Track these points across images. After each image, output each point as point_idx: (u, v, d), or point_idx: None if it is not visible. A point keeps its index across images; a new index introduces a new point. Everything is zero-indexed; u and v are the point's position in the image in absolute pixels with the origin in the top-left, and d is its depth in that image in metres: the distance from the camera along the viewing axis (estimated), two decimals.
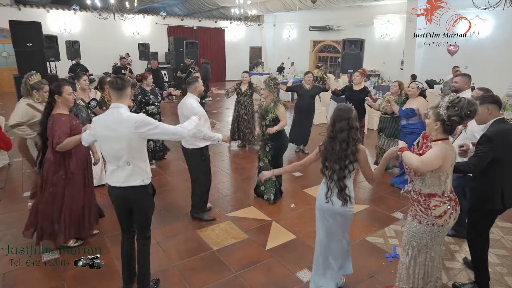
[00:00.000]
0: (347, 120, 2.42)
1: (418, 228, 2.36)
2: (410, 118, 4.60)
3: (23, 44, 6.52)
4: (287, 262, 3.21)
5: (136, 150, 2.40)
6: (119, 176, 2.41)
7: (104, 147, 2.45)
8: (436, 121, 2.22)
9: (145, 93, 5.38)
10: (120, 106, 2.40)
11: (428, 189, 2.30)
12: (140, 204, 2.51)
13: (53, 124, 2.94)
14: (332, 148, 2.45)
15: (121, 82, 2.43)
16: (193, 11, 18.21)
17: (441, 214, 2.29)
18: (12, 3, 13.18)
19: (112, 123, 2.36)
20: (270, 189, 4.41)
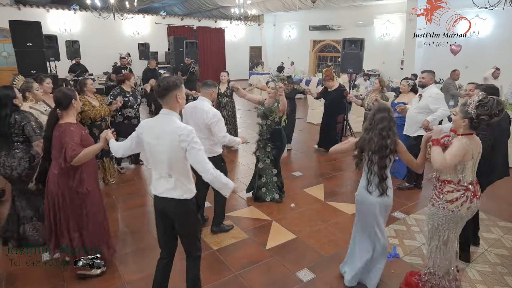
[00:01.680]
0: (387, 111, 2.59)
1: (431, 210, 2.57)
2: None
3: (23, 44, 6.51)
4: (287, 262, 3.22)
5: (178, 163, 2.22)
6: (161, 185, 2.27)
7: (148, 153, 2.30)
8: (464, 118, 2.37)
9: (124, 94, 5.05)
10: (168, 113, 2.20)
11: (444, 176, 2.50)
12: (179, 218, 2.31)
13: (63, 135, 2.62)
14: (371, 139, 2.56)
15: (164, 84, 2.17)
16: (193, 10, 18.21)
17: (453, 199, 2.45)
18: (12, 3, 13.17)
19: (160, 130, 2.20)
20: (272, 189, 4.41)
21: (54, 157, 2.72)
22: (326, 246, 3.50)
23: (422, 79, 4.48)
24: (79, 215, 2.79)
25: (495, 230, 3.86)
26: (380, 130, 2.53)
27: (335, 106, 6.25)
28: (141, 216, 4.13)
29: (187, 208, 2.30)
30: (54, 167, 2.72)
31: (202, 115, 3.29)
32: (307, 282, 2.98)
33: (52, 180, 2.71)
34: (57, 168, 2.69)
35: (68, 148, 2.56)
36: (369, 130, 2.61)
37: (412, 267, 3.18)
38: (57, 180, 2.69)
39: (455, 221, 2.49)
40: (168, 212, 2.31)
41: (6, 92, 3.03)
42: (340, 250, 3.43)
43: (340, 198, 4.61)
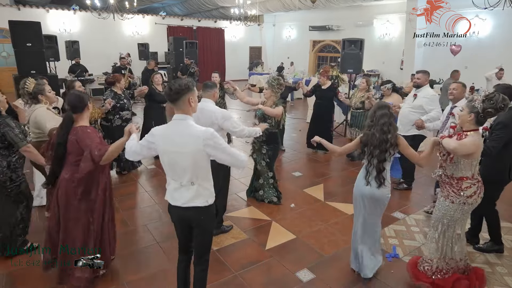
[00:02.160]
0: (387, 108, 2.72)
1: (451, 207, 2.66)
2: None
3: (22, 44, 6.51)
4: (287, 262, 3.21)
5: (202, 169, 2.15)
6: (182, 195, 2.17)
7: (166, 161, 2.18)
8: (470, 113, 2.51)
9: (119, 97, 4.92)
10: (184, 118, 2.12)
11: (460, 173, 2.62)
12: (203, 225, 2.26)
13: (81, 138, 2.54)
14: (373, 134, 2.69)
15: (176, 88, 2.08)
16: (193, 11, 18.21)
17: (472, 194, 2.62)
18: (12, 3, 13.16)
19: (178, 136, 2.10)
20: (269, 191, 4.40)
21: (68, 162, 2.63)
22: (326, 246, 3.50)
23: (418, 80, 4.53)
24: (85, 222, 2.71)
25: None
26: (381, 125, 2.66)
27: (326, 104, 6.31)
28: (140, 216, 4.13)
29: (210, 213, 2.26)
30: (66, 172, 2.64)
31: (210, 116, 3.19)
32: (307, 282, 2.98)
33: (62, 185, 2.64)
34: (68, 173, 2.62)
35: (93, 148, 2.48)
36: (371, 126, 2.73)
37: None
38: (66, 185, 2.62)
39: (469, 211, 2.71)
40: (192, 221, 2.24)
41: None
42: (340, 250, 3.43)
43: (340, 198, 4.60)
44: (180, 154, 2.09)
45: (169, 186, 2.25)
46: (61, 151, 2.62)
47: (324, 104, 6.31)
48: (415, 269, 2.94)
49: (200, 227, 2.27)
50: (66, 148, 2.59)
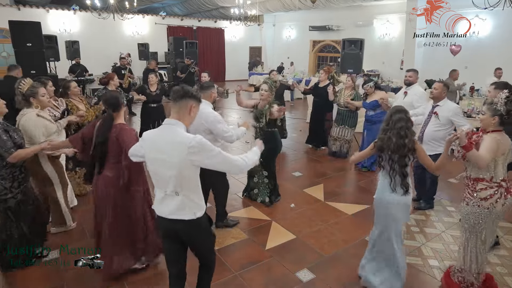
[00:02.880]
0: (404, 112, 2.63)
1: (466, 210, 2.62)
2: (377, 108, 5.33)
3: (22, 44, 6.51)
4: (287, 262, 3.21)
5: (187, 179, 2.00)
6: (167, 205, 2.04)
7: (151, 168, 2.07)
8: (493, 116, 2.50)
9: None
10: (174, 123, 2.00)
11: (476, 174, 2.57)
12: (194, 239, 2.15)
13: (120, 135, 2.59)
14: (389, 138, 2.60)
15: (181, 90, 2.02)
16: (193, 11, 18.21)
17: (487, 197, 2.52)
18: (12, 3, 13.16)
19: (163, 143, 1.98)
20: (263, 191, 4.40)
21: (109, 160, 2.68)
22: (326, 247, 3.50)
23: (409, 78, 4.73)
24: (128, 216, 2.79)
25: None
26: (398, 129, 2.58)
27: (324, 102, 6.31)
28: None
29: (200, 227, 2.10)
30: (109, 170, 2.68)
31: (201, 118, 3.08)
32: (307, 282, 2.98)
33: (105, 183, 2.69)
34: (111, 172, 2.67)
35: (128, 145, 2.47)
36: (387, 130, 2.65)
37: (412, 267, 3.18)
38: (110, 183, 2.68)
39: (491, 218, 2.55)
40: (180, 234, 2.11)
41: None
42: (340, 250, 3.43)
43: (340, 198, 4.60)
44: (163, 161, 1.97)
45: (156, 195, 2.12)
46: (103, 150, 2.65)
47: (320, 103, 6.34)
48: (448, 278, 2.85)
49: (192, 243, 2.18)
50: (107, 146, 2.64)
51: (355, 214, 4.19)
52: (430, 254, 3.39)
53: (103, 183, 2.70)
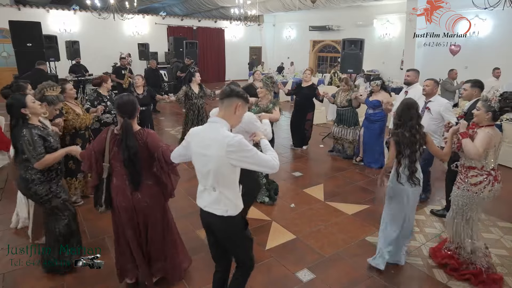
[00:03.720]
0: (415, 109, 2.85)
1: (457, 193, 2.96)
2: (377, 108, 5.47)
3: (23, 44, 6.53)
4: (287, 262, 3.21)
5: (224, 176, 2.05)
6: (205, 198, 2.14)
7: (195, 163, 2.15)
8: (487, 111, 2.75)
9: (101, 98, 4.61)
10: (217, 121, 2.06)
11: (469, 163, 2.89)
12: (224, 237, 2.20)
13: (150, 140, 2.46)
14: (403, 134, 2.83)
15: (228, 89, 2.07)
16: (193, 11, 18.20)
17: (476, 183, 2.85)
18: (12, 3, 13.16)
19: (207, 139, 2.05)
20: (262, 192, 4.40)
21: (144, 168, 2.48)
22: (326, 247, 3.50)
23: (408, 77, 4.91)
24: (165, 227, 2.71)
25: (495, 230, 3.87)
26: (410, 127, 2.82)
27: (306, 103, 6.36)
28: None
29: (231, 226, 2.14)
30: (148, 178, 2.52)
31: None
32: (307, 282, 2.98)
33: (147, 193, 2.52)
34: (151, 179, 2.54)
35: (165, 150, 2.42)
36: (399, 125, 2.87)
37: (411, 267, 3.18)
38: (153, 191, 2.55)
39: (477, 202, 2.88)
40: (212, 228, 2.19)
41: (10, 101, 2.70)
42: (340, 250, 3.43)
43: (340, 198, 4.61)
44: (205, 157, 2.05)
45: (198, 188, 2.21)
46: (138, 161, 2.42)
47: (303, 103, 6.35)
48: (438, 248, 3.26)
49: (223, 240, 2.22)
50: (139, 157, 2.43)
51: (355, 214, 4.19)
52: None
53: (148, 194, 2.51)
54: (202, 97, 6.05)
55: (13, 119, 2.70)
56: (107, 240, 3.52)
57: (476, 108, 2.87)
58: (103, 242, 3.49)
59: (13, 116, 2.69)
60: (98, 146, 2.52)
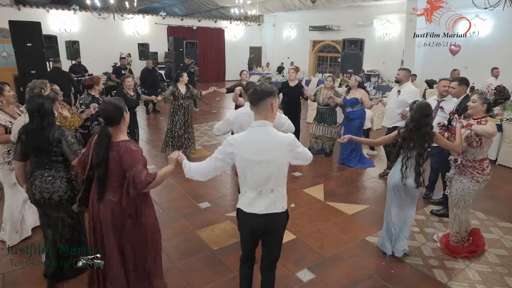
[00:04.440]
0: (430, 116, 2.98)
1: (476, 186, 3.13)
2: (355, 106, 5.61)
3: (23, 44, 6.51)
4: (287, 262, 3.21)
5: (282, 175, 2.12)
6: (260, 203, 2.10)
7: (246, 170, 2.08)
8: (483, 103, 3.02)
9: (97, 101, 4.32)
10: (265, 124, 2.04)
11: (481, 156, 3.10)
12: (277, 231, 2.22)
13: (124, 157, 2.19)
14: (412, 139, 2.96)
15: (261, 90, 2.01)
16: (193, 11, 18.20)
17: (490, 172, 3.15)
18: (12, 3, 13.16)
19: (263, 144, 2.02)
20: None
21: (111, 182, 2.27)
22: (326, 247, 3.50)
23: (397, 76, 5.03)
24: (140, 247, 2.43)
25: (495, 230, 3.86)
26: (423, 134, 2.92)
27: (292, 102, 6.31)
28: None
29: (285, 218, 2.23)
30: (112, 194, 2.28)
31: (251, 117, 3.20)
32: (307, 282, 2.98)
33: (108, 208, 2.29)
34: (115, 196, 2.28)
35: (138, 173, 2.14)
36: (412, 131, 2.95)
37: (411, 268, 3.18)
38: (115, 208, 2.28)
39: (482, 188, 3.18)
40: (268, 228, 2.17)
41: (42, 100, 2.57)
42: (340, 250, 3.43)
43: (340, 198, 4.60)
44: (264, 162, 2.02)
45: (245, 195, 2.15)
46: (103, 172, 2.23)
47: (291, 102, 6.32)
48: (449, 244, 3.38)
49: (273, 233, 2.22)
50: (107, 167, 2.23)
51: (355, 214, 4.19)
52: (430, 254, 3.39)
53: (108, 209, 2.29)
54: (188, 98, 5.98)
55: (45, 119, 2.54)
56: None
57: (472, 100, 3.10)
58: None
59: (46, 116, 2.55)
60: (86, 149, 2.42)
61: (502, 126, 6.01)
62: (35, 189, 2.59)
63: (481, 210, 4.28)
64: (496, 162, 6.02)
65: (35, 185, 2.59)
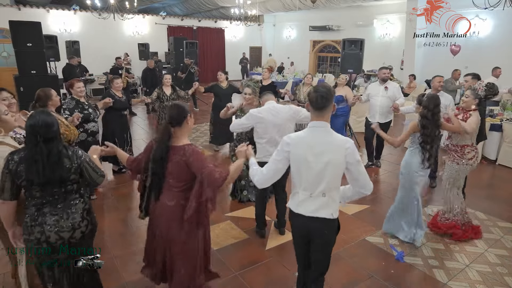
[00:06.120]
0: (439, 104, 3.31)
1: (456, 168, 3.61)
2: (340, 103, 5.75)
3: (23, 44, 6.51)
4: (287, 262, 3.21)
5: (337, 179, 2.07)
6: (309, 205, 2.07)
7: (303, 171, 2.06)
8: (475, 98, 3.54)
9: (82, 106, 4.11)
10: (325, 125, 2.03)
11: (463, 142, 3.57)
12: (324, 239, 2.13)
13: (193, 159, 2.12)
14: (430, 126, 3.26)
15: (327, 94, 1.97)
16: (193, 11, 18.20)
17: (471, 157, 3.58)
18: (12, 3, 13.16)
19: (323, 146, 2.00)
20: (252, 191, 4.39)
21: (169, 186, 2.21)
22: None
23: (385, 74, 5.49)
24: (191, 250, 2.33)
25: (495, 230, 3.86)
26: (436, 121, 3.26)
27: None
28: None
29: (333, 227, 2.13)
30: (169, 198, 2.21)
31: (286, 112, 3.35)
32: None
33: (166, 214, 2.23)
34: (172, 201, 2.22)
35: (212, 172, 2.10)
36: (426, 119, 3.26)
37: (411, 268, 3.18)
38: (171, 214, 2.22)
39: (468, 171, 3.65)
40: (313, 232, 2.12)
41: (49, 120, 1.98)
42: (340, 250, 3.43)
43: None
44: (319, 163, 2.00)
45: (296, 196, 2.14)
46: (161, 170, 2.17)
47: None
48: (435, 221, 3.80)
49: (320, 240, 2.13)
50: (166, 166, 2.17)
51: (355, 214, 4.19)
52: (430, 254, 3.39)
53: (164, 214, 2.24)
54: (174, 100, 5.93)
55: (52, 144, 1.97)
56: (107, 239, 3.52)
57: (465, 95, 3.60)
58: (103, 241, 3.48)
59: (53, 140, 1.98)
60: (145, 154, 2.31)
61: (502, 126, 6.01)
62: (49, 230, 2.03)
63: (481, 210, 4.28)
64: (496, 162, 6.02)
65: (49, 225, 2.03)
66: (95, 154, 2.30)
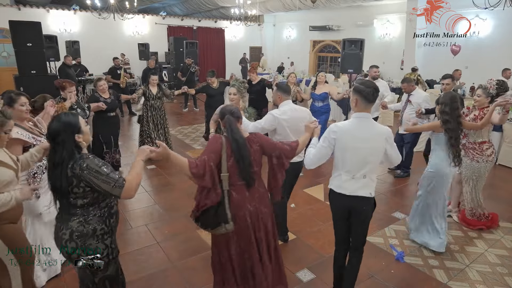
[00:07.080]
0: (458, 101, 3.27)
1: (477, 165, 3.64)
2: (325, 100, 5.85)
3: (23, 44, 6.51)
4: (287, 262, 3.20)
5: (377, 164, 2.41)
6: (350, 186, 2.37)
7: (347, 157, 2.32)
8: (487, 96, 3.58)
9: (71, 107, 3.96)
10: (368, 116, 2.32)
11: (480, 139, 3.63)
12: (364, 214, 2.43)
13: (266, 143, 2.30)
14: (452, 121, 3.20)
15: (375, 90, 2.26)
16: (193, 11, 18.20)
17: (490, 154, 3.62)
18: (12, 3, 13.16)
19: (368, 133, 2.30)
20: None
21: (257, 175, 2.30)
22: (326, 246, 3.50)
23: (376, 73, 5.70)
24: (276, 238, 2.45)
25: (495, 230, 3.86)
26: (456, 117, 3.20)
27: (260, 99, 6.43)
28: (140, 216, 4.13)
29: (371, 204, 2.44)
30: (261, 185, 2.34)
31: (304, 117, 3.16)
32: (307, 282, 2.98)
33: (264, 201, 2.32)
34: (262, 186, 2.36)
35: (283, 146, 2.33)
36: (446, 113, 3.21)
37: (411, 267, 3.18)
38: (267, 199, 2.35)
39: (489, 169, 3.67)
40: (355, 210, 2.41)
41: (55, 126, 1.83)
42: None
43: None
44: (364, 149, 2.29)
45: (338, 177, 2.43)
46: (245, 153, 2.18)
47: (256, 99, 6.34)
48: (465, 218, 3.87)
49: (360, 216, 2.42)
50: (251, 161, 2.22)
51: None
52: (430, 255, 3.39)
53: (262, 202, 2.29)
54: (160, 98, 6.00)
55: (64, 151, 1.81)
56: None
57: (477, 95, 3.65)
58: None
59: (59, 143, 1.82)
60: (215, 157, 2.14)
61: (502, 126, 6.00)
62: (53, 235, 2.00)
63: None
64: (496, 162, 6.02)
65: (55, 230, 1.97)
66: (142, 156, 2.00)
